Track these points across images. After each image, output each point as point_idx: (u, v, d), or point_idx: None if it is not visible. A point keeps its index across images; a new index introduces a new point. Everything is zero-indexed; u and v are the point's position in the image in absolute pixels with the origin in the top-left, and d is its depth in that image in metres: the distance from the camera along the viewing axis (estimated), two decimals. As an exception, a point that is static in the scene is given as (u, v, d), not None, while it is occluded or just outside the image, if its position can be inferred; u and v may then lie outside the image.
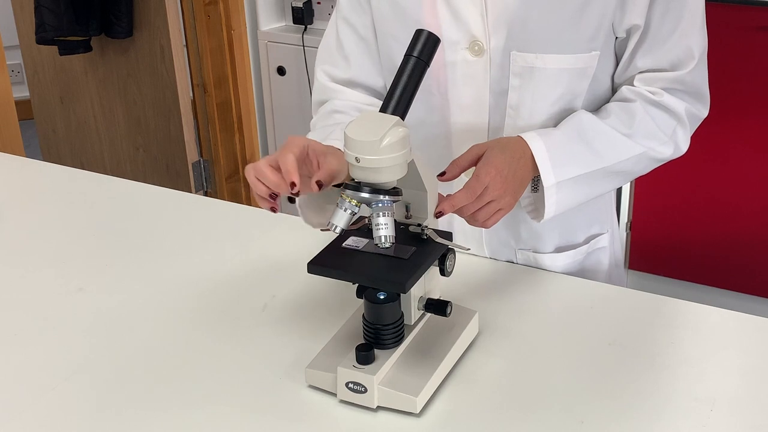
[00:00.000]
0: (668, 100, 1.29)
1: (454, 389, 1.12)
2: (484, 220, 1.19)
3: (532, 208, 1.32)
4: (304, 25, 3.22)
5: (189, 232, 1.57)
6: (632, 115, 1.28)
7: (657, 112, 1.29)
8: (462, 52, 1.28)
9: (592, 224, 1.45)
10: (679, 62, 1.28)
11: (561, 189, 1.25)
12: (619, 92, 1.32)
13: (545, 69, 1.26)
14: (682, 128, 1.31)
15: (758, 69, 2.60)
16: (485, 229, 1.27)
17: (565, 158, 1.24)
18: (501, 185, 1.17)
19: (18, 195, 1.76)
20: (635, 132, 1.28)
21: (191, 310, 1.31)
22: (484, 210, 1.18)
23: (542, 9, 1.23)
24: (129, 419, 1.09)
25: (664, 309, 1.29)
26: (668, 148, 1.31)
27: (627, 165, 1.29)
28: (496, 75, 1.28)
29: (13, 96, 2.43)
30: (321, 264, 1.09)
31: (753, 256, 2.83)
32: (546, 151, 1.23)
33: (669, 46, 1.26)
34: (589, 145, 1.26)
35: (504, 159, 1.19)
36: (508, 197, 1.19)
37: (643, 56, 1.28)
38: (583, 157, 1.26)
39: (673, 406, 1.08)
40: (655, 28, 1.25)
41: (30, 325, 1.30)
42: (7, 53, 2.50)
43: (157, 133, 3.39)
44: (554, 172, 1.23)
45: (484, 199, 1.17)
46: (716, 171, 2.78)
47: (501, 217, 1.20)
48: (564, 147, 1.25)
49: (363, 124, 1.04)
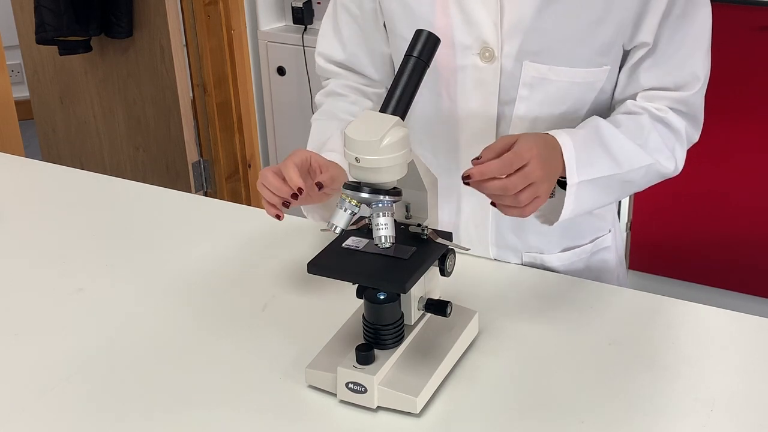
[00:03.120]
0: (672, 117, 1.29)
1: (454, 389, 1.12)
2: (525, 204, 1.11)
3: (539, 213, 1.28)
4: (304, 25, 3.22)
5: (189, 232, 1.57)
6: (641, 127, 1.28)
7: (661, 128, 1.29)
8: (473, 57, 1.27)
9: (597, 223, 1.45)
10: (685, 83, 1.28)
11: (580, 190, 1.21)
12: (623, 105, 1.31)
13: (556, 81, 1.25)
14: (681, 147, 1.31)
15: (758, 69, 2.60)
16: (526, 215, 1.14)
17: (588, 159, 1.22)
18: (541, 167, 1.11)
19: (18, 195, 1.76)
20: (645, 143, 1.27)
21: (191, 310, 1.31)
22: (526, 192, 1.10)
23: (558, 21, 1.22)
24: (129, 419, 1.09)
25: (664, 309, 1.29)
26: (671, 163, 1.30)
27: (637, 175, 1.27)
28: (505, 83, 1.27)
29: (13, 96, 2.43)
30: (321, 264, 1.09)
31: (753, 256, 2.83)
32: (573, 149, 1.20)
33: (676, 66, 1.26)
34: (607, 150, 1.24)
35: (543, 143, 1.15)
36: (546, 184, 1.13)
37: (647, 73, 1.27)
38: (603, 161, 1.23)
39: (673, 406, 1.08)
40: (663, 47, 1.25)
41: (30, 325, 1.30)
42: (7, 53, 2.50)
43: (156, 133, 3.39)
44: (578, 171, 1.20)
45: (528, 176, 1.09)
46: (716, 171, 2.78)
47: (538, 207, 1.13)
48: (587, 148, 1.22)
49: (363, 124, 1.04)
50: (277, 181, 1.13)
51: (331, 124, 1.36)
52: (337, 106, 1.41)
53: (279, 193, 1.13)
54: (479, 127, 1.31)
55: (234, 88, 3.35)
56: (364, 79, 1.44)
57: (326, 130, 1.35)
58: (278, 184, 1.13)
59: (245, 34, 3.31)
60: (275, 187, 1.13)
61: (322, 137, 1.34)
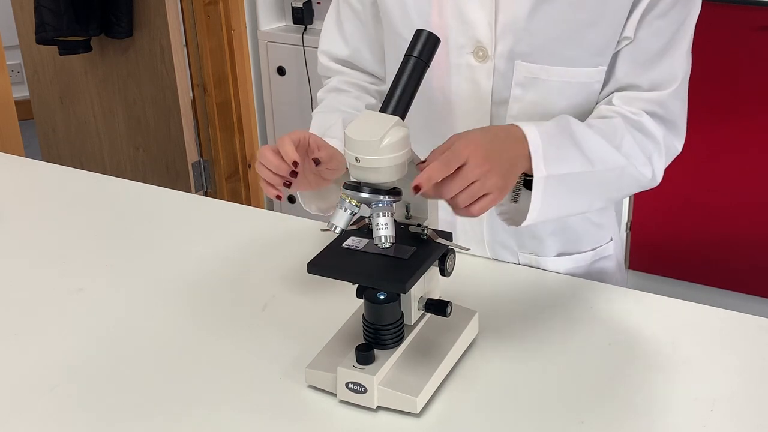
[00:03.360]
0: (648, 122, 1.24)
1: (454, 389, 1.12)
2: (466, 205, 1.06)
3: (507, 216, 1.24)
4: (304, 25, 3.22)
5: (189, 232, 1.57)
6: (615, 130, 1.23)
7: (637, 133, 1.24)
8: (466, 56, 1.27)
9: (597, 232, 1.43)
10: (661, 82, 1.24)
11: (548, 187, 1.14)
12: (597, 110, 1.27)
13: (549, 81, 1.24)
14: (659, 155, 1.26)
15: (758, 69, 2.60)
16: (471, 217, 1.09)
17: (557, 153, 1.15)
18: (483, 162, 1.05)
19: (18, 195, 1.76)
20: (619, 145, 1.22)
21: (191, 310, 1.31)
22: (466, 192, 1.05)
23: (550, 21, 1.21)
24: (129, 419, 1.09)
25: (664, 309, 1.29)
26: (647, 170, 1.25)
27: (611, 176, 1.22)
28: (498, 83, 1.27)
29: (13, 96, 2.43)
30: (321, 264, 1.09)
31: (753, 256, 2.83)
32: (540, 141, 1.14)
33: (653, 64, 1.23)
34: (578, 146, 1.19)
35: (485, 136, 1.09)
36: (494, 178, 1.06)
37: (625, 68, 1.25)
38: (574, 156, 1.18)
39: (673, 406, 1.08)
40: (642, 43, 1.22)
41: (30, 325, 1.30)
42: (7, 53, 2.50)
43: (156, 133, 3.39)
44: (546, 165, 1.13)
45: (465, 176, 1.04)
46: (716, 171, 2.78)
47: (490, 205, 1.07)
48: (556, 141, 1.17)
49: (363, 124, 1.04)
50: (276, 159, 1.10)
51: (333, 115, 1.35)
52: (340, 100, 1.40)
53: (278, 171, 1.10)
54: (473, 126, 1.30)
55: (234, 88, 3.35)
56: (367, 76, 1.44)
57: (328, 121, 1.33)
58: (276, 161, 1.10)
59: (245, 34, 3.31)
60: (274, 165, 1.10)
61: (323, 126, 1.32)
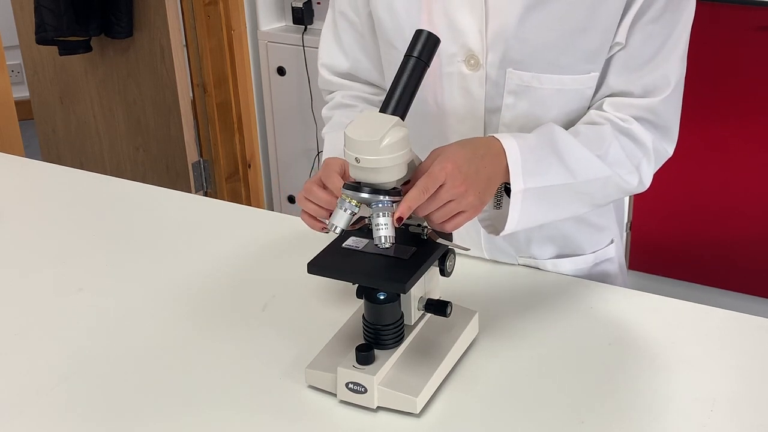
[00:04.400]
0: (637, 129, 1.24)
1: (454, 389, 1.12)
2: (440, 222, 1.08)
3: (488, 223, 1.24)
4: (304, 25, 3.22)
5: (189, 232, 1.57)
6: (602, 138, 1.22)
7: (625, 140, 1.24)
8: (458, 64, 1.25)
9: (596, 235, 1.42)
10: (654, 88, 1.23)
11: (527, 199, 1.16)
12: (587, 115, 1.27)
13: (541, 89, 1.23)
14: (647, 162, 1.26)
15: (758, 69, 2.60)
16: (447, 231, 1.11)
17: (537, 166, 1.16)
18: (461, 182, 1.06)
19: (18, 195, 1.76)
20: (604, 155, 1.22)
21: (191, 310, 1.31)
22: (441, 211, 1.07)
23: (541, 29, 1.20)
24: (128, 419, 1.09)
25: (664, 309, 1.29)
26: (633, 178, 1.24)
27: (594, 186, 1.22)
28: (491, 91, 1.26)
29: (13, 96, 2.43)
30: (321, 264, 1.09)
31: (753, 256, 2.83)
32: (519, 154, 1.15)
33: (645, 70, 1.22)
34: (560, 158, 1.18)
35: (464, 154, 1.09)
36: (470, 197, 1.08)
37: (617, 74, 1.23)
38: (554, 168, 1.18)
39: (673, 406, 1.08)
40: (634, 49, 1.21)
41: (30, 325, 1.30)
42: (7, 53, 2.50)
43: (156, 133, 3.39)
44: (524, 178, 1.15)
45: (441, 197, 1.06)
46: (716, 171, 2.78)
47: (464, 221, 1.09)
48: (536, 154, 1.17)
49: (363, 124, 1.04)
50: (326, 195, 1.10)
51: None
52: (348, 115, 1.38)
53: (327, 206, 1.10)
54: (466, 134, 1.28)
55: (234, 88, 3.35)
56: (369, 87, 1.43)
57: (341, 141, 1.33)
58: (327, 197, 1.10)
59: (245, 34, 3.31)
60: (324, 201, 1.10)
61: (338, 146, 1.32)
